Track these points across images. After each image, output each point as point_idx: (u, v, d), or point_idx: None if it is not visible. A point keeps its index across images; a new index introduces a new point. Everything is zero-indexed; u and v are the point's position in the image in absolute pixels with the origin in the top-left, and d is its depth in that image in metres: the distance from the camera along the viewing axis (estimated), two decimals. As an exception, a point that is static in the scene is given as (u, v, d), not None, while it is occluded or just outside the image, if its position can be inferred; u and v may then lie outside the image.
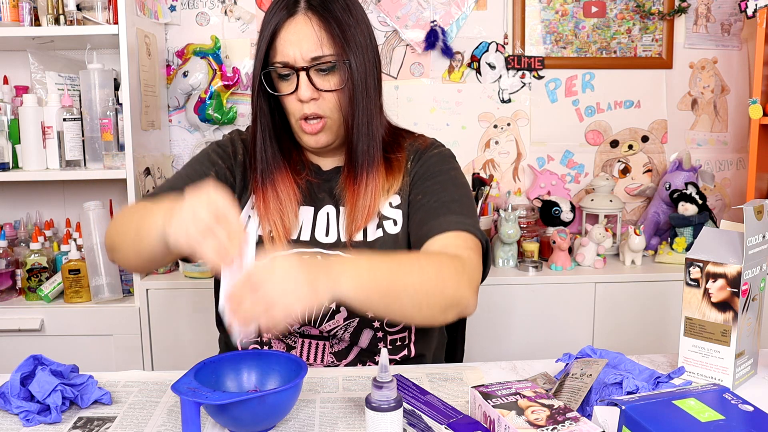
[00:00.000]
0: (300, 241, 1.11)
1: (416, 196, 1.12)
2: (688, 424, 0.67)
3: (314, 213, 1.13)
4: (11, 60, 2.14)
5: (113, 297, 1.87)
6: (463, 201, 1.10)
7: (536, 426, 0.70)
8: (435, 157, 1.16)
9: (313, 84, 1.04)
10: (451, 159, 1.18)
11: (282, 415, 0.84)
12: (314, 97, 1.04)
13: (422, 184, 1.12)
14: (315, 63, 1.03)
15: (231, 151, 1.16)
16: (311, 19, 1.03)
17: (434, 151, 1.17)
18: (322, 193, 1.15)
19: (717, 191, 2.39)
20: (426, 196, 1.10)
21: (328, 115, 1.07)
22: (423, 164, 1.15)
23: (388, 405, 0.74)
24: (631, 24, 2.29)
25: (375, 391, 0.75)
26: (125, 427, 0.84)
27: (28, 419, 0.84)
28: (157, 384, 0.97)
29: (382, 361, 0.76)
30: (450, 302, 0.94)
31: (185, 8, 2.24)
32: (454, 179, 1.13)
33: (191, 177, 1.11)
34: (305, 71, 1.03)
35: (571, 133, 2.33)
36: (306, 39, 1.03)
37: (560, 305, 1.98)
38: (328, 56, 1.04)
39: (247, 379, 0.91)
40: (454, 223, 1.03)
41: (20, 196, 2.22)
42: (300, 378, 0.82)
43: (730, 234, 0.92)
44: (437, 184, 1.11)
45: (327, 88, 1.05)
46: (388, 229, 1.11)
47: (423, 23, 2.24)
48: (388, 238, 1.10)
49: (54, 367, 0.90)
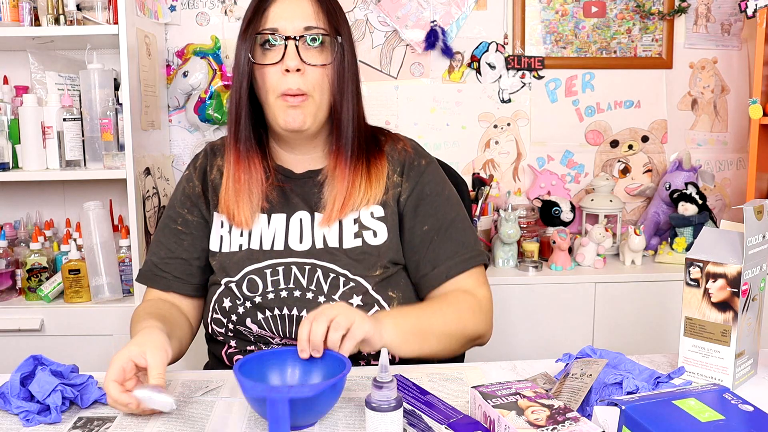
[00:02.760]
0: (274, 250, 1.08)
1: (421, 226, 1.12)
2: (688, 424, 0.67)
3: (287, 219, 1.10)
4: (11, 60, 2.14)
5: (113, 297, 1.87)
6: (464, 223, 1.16)
7: (536, 426, 0.70)
8: (428, 176, 1.15)
9: (300, 58, 1.02)
10: (439, 172, 1.18)
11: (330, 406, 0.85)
12: (300, 68, 1.01)
13: (423, 210, 1.13)
14: (307, 32, 1.02)
15: (191, 188, 1.16)
16: None
17: (425, 168, 1.15)
18: (295, 199, 1.12)
19: (717, 191, 2.39)
20: (431, 227, 1.12)
21: (310, 92, 1.03)
22: (418, 184, 1.13)
23: (388, 405, 0.74)
24: (631, 24, 2.29)
25: (375, 392, 0.75)
26: (125, 427, 0.84)
27: (28, 419, 0.84)
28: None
29: (382, 361, 0.76)
30: (469, 338, 1.10)
31: (185, 8, 2.24)
32: (449, 199, 1.16)
33: (165, 243, 1.16)
34: (294, 40, 1.01)
35: (571, 133, 2.33)
36: (300, 9, 1.03)
37: (560, 305, 1.98)
38: (321, 29, 1.03)
39: (291, 374, 0.90)
40: (462, 262, 1.12)
41: (20, 196, 2.22)
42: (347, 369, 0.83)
43: (730, 234, 0.92)
44: (439, 213, 1.13)
45: (315, 63, 1.03)
46: (368, 240, 1.09)
47: (423, 23, 2.24)
48: (369, 249, 1.08)
49: (54, 368, 0.90)
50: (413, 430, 0.80)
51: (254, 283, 1.07)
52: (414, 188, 1.13)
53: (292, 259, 1.07)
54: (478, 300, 1.11)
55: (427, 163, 1.17)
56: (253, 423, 0.85)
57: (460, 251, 1.13)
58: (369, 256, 1.07)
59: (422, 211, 1.13)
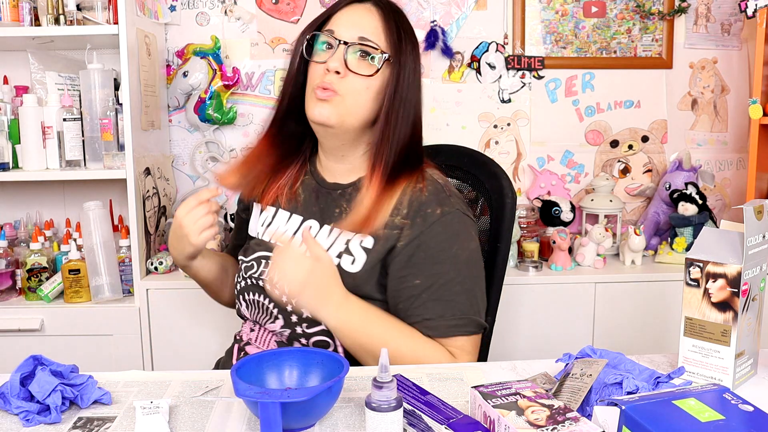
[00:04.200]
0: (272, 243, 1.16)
1: (412, 279, 1.07)
2: (688, 424, 0.67)
3: (300, 224, 1.17)
4: (11, 60, 2.14)
5: (113, 297, 1.87)
6: (463, 285, 1.07)
7: (536, 426, 0.70)
8: (437, 227, 1.07)
9: (346, 63, 1.06)
10: (453, 226, 1.08)
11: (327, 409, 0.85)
12: (339, 70, 1.05)
13: (418, 262, 1.06)
14: (360, 42, 1.06)
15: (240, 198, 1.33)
16: (378, 11, 1.08)
17: (438, 219, 1.07)
18: (315, 207, 1.16)
19: (717, 191, 2.39)
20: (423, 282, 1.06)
21: (343, 93, 1.06)
22: (422, 234, 1.07)
23: (388, 405, 0.74)
24: (631, 24, 2.29)
25: (375, 392, 0.75)
26: (125, 428, 0.84)
27: (28, 419, 0.84)
28: (157, 384, 0.96)
29: (382, 361, 0.76)
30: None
31: (185, 8, 2.24)
32: (454, 257, 1.07)
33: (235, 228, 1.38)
34: (346, 45, 1.06)
35: (571, 133, 2.33)
36: (364, 21, 1.07)
37: (560, 305, 1.98)
38: (375, 43, 1.06)
39: (289, 375, 0.91)
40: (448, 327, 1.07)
41: (20, 196, 2.22)
42: (344, 371, 0.83)
43: (730, 234, 0.92)
44: (436, 270, 1.06)
45: (357, 71, 1.06)
46: (344, 265, 1.09)
47: (423, 23, 2.24)
48: (342, 273, 1.07)
49: (54, 368, 0.90)
50: (413, 430, 0.80)
51: (251, 267, 1.17)
52: (415, 238, 1.07)
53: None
54: (452, 359, 1.07)
55: (443, 213, 1.08)
56: (253, 423, 0.85)
57: (447, 315, 1.06)
58: (345, 281, 1.07)
59: (418, 263, 1.07)
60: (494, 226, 1.33)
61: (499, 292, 1.31)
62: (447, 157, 1.46)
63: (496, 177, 1.35)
